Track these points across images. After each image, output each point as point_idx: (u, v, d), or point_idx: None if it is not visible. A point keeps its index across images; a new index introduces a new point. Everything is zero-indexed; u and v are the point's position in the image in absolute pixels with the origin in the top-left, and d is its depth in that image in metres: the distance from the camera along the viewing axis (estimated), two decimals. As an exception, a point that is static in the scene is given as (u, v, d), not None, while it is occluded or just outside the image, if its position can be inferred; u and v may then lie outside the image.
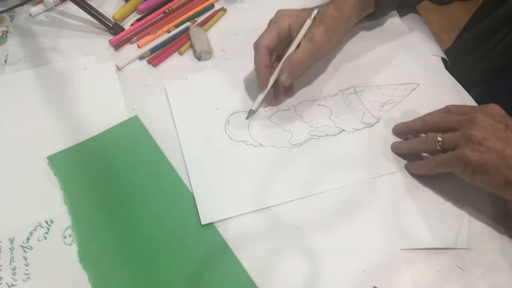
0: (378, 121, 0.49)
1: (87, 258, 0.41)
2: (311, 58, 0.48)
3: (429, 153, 0.44)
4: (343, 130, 0.49)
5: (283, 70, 0.48)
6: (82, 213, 0.43)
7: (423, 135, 0.45)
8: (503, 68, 0.56)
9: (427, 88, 0.52)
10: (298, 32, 0.48)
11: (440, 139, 0.41)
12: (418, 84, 0.52)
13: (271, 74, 0.49)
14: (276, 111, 0.51)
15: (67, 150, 0.47)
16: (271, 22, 0.49)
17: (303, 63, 0.48)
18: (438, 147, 0.42)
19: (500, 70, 0.57)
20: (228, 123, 0.50)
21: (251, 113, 0.50)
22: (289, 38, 0.49)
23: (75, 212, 0.43)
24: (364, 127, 0.49)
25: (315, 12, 0.48)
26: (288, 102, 0.52)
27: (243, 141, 0.49)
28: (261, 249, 0.41)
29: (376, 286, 0.39)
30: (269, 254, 0.41)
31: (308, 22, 0.48)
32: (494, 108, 0.41)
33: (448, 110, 0.44)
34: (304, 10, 0.49)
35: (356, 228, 0.42)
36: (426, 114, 0.46)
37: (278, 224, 0.43)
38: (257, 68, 0.49)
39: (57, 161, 0.46)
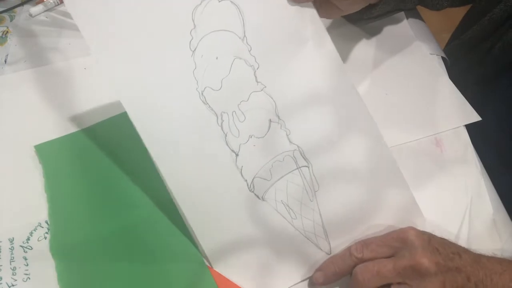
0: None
1: (57, 247, 0.41)
2: None
3: None
4: None
5: None
6: (60, 203, 0.43)
7: None
8: (498, 73, 0.56)
9: (425, 87, 0.52)
10: None
11: None
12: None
13: None
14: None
15: (56, 140, 0.47)
16: None
17: None
18: None
19: (495, 75, 0.57)
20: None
21: None
22: None
23: (53, 202, 0.43)
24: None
25: None
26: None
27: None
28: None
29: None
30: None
31: None
32: (412, 234, 0.37)
33: (362, 259, 0.38)
34: None
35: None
36: (341, 261, 0.39)
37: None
38: None
39: (44, 150, 0.46)
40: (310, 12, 0.39)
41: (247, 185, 0.40)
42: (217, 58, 0.38)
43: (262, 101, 0.39)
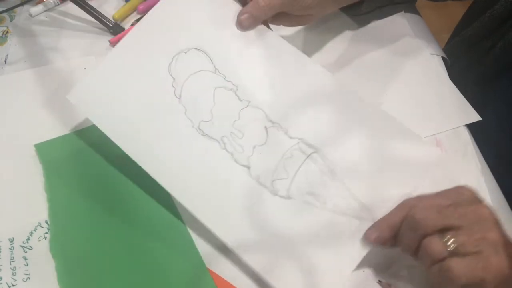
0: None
1: (57, 247, 0.41)
2: (281, 4, 0.43)
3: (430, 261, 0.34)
4: None
5: (245, 10, 0.43)
6: (60, 203, 0.43)
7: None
8: (498, 73, 0.56)
9: (425, 87, 0.52)
10: None
11: (453, 245, 0.33)
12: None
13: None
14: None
15: (56, 139, 0.47)
16: None
17: (271, 8, 0.43)
18: (446, 254, 0.33)
19: (496, 74, 0.57)
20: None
21: None
22: None
23: (53, 202, 0.43)
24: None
25: None
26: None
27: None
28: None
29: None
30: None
31: None
32: (468, 191, 0.36)
33: (418, 213, 0.35)
34: None
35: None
36: (394, 212, 0.38)
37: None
38: None
39: (44, 150, 0.46)
40: (260, 30, 0.45)
41: (270, 191, 0.41)
42: (200, 94, 0.43)
43: (252, 114, 0.43)
